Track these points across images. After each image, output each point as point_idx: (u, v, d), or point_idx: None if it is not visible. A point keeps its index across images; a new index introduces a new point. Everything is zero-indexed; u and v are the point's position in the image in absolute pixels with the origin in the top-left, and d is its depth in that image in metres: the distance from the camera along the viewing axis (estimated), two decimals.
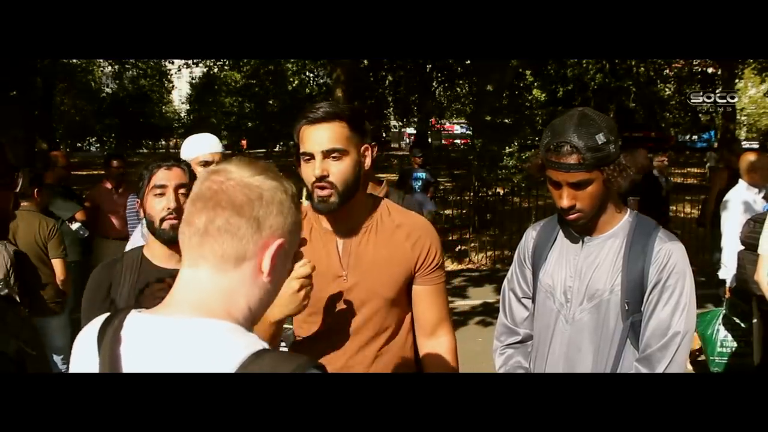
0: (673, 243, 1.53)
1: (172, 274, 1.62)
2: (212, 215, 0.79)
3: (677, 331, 1.47)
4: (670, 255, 1.50)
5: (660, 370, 1.47)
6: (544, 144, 1.51)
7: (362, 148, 1.54)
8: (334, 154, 1.48)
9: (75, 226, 4.76)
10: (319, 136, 1.48)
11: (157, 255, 1.65)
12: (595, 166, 1.44)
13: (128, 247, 2.71)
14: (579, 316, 1.56)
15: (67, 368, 4.06)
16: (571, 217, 1.52)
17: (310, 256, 1.57)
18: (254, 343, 0.77)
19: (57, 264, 3.47)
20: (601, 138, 1.44)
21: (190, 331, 0.77)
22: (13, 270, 2.99)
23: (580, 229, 1.60)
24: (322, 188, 1.49)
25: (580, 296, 1.57)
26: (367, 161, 1.56)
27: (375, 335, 1.59)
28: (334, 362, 1.59)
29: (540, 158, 1.55)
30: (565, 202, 1.49)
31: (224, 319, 0.79)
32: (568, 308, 1.58)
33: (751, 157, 4.09)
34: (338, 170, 1.48)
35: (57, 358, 3.66)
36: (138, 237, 2.70)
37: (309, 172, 1.50)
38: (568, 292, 1.59)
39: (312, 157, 1.49)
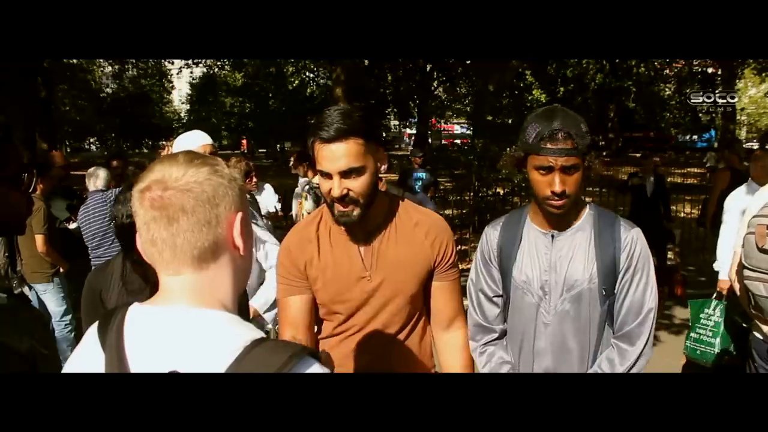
0: (635, 230, 1.68)
1: None
2: (171, 228, 0.81)
3: (651, 308, 1.64)
4: (636, 241, 1.65)
5: (640, 344, 1.62)
6: (534, 134, 1.56)
7: (378, 155, 1.51)
8: (352, 174, 1.45)
9: (73, 226, 4.77)
10: (334, 156, 1.43)
11: None
12: (583, 152, 1.56)
13: None
14: (561, 307, 1.66)
15: (68, 332, 4.26)
16: (559, 203, 1.58)
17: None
18: (251, 331, 0.82)
19: (38, 239, 4.16)
20: (583, 127, 1.57)
21: (191, 321, 0.81)
22: (3, 243, 3.42)
23: (553, 223, 1.68)
24: (344, 205, 1.48)
25: (559, 288, 1.66)
26: (384, 165, 1.54)
27: (400, 330, 1.64)
28: (361, 359, 1.63)
29: (521, 151, 1.62)
30: (557, 187, 1.56)
31: (217, 308, 0.84)
32: (548, 300, 1.67)
33: None
34: (357, 186, 1.46)
35: (53, 321, 4.31)
36: None
37: (327, 188, 1.48)
38: (546, 285, 1.67)
39: (329, 175, 1.46)
